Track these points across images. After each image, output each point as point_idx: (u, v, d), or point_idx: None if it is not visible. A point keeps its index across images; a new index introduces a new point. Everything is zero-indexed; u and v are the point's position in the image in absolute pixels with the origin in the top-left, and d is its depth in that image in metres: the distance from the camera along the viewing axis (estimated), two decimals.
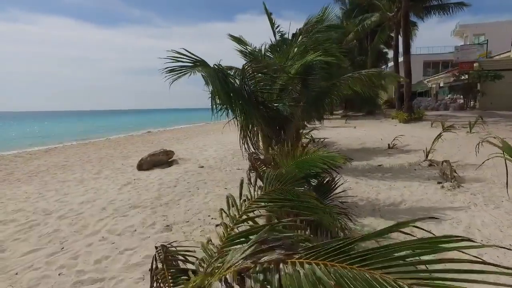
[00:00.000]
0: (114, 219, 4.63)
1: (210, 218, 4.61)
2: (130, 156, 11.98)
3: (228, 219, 1.93)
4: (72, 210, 5.20)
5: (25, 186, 7.64)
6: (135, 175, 7.77)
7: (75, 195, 6.27)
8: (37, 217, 4.99)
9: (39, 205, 5.73)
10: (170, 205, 5.20)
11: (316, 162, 3.58)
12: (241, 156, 9.51)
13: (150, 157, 8.40)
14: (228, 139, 15.01)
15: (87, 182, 7.47)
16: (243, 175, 7.45)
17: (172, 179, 6.96)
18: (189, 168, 8.12)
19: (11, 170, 10.15)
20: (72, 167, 10.18)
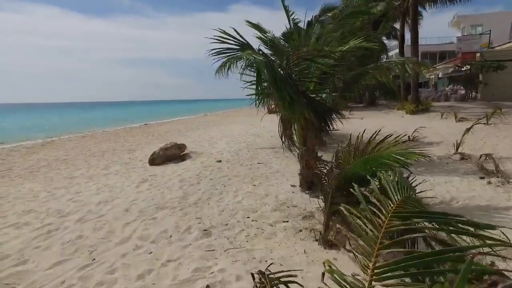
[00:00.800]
0: (143, 222, 4.14)
1: (250, 220, 4.16)
2: (135, 149, 11.41)
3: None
4: (91, 211, 4.69)
5: (29, 183, 7.08)
6: (148, 171, 7.25)
7: (88, 193, 5.74)
8: (52, 220, 4.48)
9: (51, 206, 5.20)
10: (200, 206, 4.73)
11: (386, 160, 3.14)
12: (257, 150, 9.05)
13: (162, 151, 7.87)
14: (234, 131, 14.51)
15: (97, 179, 6.93)
16: (265, 169, 7.04)
17: (192, 175, 6.47)
18: (206, 162, 7.63)
19: (10, 165, 9.51)
20: (75, 162, 9.60)
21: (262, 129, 14.88)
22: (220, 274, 2.91)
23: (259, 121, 19.62)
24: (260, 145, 9.98)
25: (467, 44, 24.05)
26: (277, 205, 4.67)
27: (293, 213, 4.35)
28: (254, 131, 14.03)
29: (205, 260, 3.18)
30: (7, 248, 3.60)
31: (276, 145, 9.91)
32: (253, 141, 10.70)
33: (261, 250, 3.38)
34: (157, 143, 12.88)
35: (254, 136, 12.22)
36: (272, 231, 3.85)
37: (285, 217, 4.25)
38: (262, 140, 11.04)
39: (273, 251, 3.36)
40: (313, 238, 3.67)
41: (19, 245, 3.69)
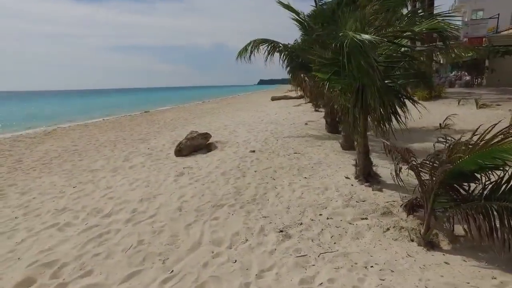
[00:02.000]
0: (206, 224, 3.67)
1: (324, 218, 3.73)
2: (147, 138, 10.80)
3: None
4: (138, 211, 4.18)
5: (47, 177, 6.51)
6: (178, 162, 6.73)
7: (122, 189, 5.22)
8: (96, 221, 3.96)
9: (85, 203, 4.67)
10: (260, 202, 4.27)
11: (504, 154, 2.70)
12: (285, 139, 8.53)
13: (189, 141, 7.32)
14: (246, 119, 13.95)
15: (123, 172, 6.39)
16: (307, 160, 6.57)
17: (232, 167, 5.98)
18: (239, 153, 7.13)
19: (18, 157, 8.85)
20: (87, 153, 8.99)
21: (275, 116, 14.37)
22: (331, 285, 2.48)
23: (267, 109, 19.14)
24: (285, 133, 9.49)
25: (475, 28, 23.66)
26: (344, 199, 4.23)
27: (368, 209, 3.92)
28: (269, 119, 13.52)
29: (303, 268, 2.75)
30: (62, 255, 3.10)
31: (301, 133, 9.46)
32: (276, 130, 10.21)
33: (358, 254, 2.96)
34: (167, 131, 12.30)
35: (272, 124, 11.71)
36: (356, 230, 3.42)
37: (361, 214, 3.82)
38: (283, 128, 10.56)
39: (372, 255, 2.94)
40: (406, 238, 3.27)
41: (72, 251, 3.19)
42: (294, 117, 13.51)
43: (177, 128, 13.17)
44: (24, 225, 4.09)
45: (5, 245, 3.53)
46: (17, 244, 3.52)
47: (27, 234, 3.77)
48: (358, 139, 4.99)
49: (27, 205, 4.87)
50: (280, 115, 14.53)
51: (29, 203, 4.93)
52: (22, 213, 4.55)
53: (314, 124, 11.14)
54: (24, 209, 4.73)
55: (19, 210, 4.69)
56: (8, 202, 5.12)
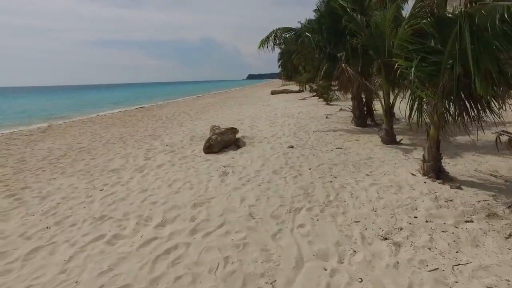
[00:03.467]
0: (293, 232, 3.14)
1: (423, 221, 3.26)
2: (159, 134, 10.12)
3: None
4: (198, 218, 3.61)
5: (63, 178, 5.84)
6: (213, 160, 6.13)
7: (161, 191, 4.62)
8: (151, 232, 3.37)
9: (125, 209, 4.07)
10: (338, 204, 3.76)
11: None
12: (316, 133, 8.00)
13: (219, 136, 6.71)
14: (258, 113, 13.39)
15: (152, 171, 5.76)
16: (355, 156, 6.09)
17: (281, 164, 5.46)
18: (276, 149, 6.60)
19: (20, 156, 8.06)
20: (96, 150, 8.29)
21: (287, 110, 13.86)
22: None
23: (272, 103, 18.58)
24: (311, 127, 9.00)
25: None
26: (431, 199, 3.77)
27: (466, 210, 3.47)
28: (282, 112, 12.99)
29: (447, 286, 2.26)
30: (131, 278, 2.53)
31: (329, 127, 8.99)
32: (298, 124, 9.71)
33: (500, 268, 2.49)
34: (175, 127, 11.63)
35: (290, 118, 11.19)
36: (471, 236, 2.97)
37: (462, 216, 3.37)
38: (305, 122, 10.06)
39: None
40: None
41: (141, 272, 2.61)
42: (308, 111, 13.03)
43: (185, 123, 12.49)
44: (62, 237, 3.46)
45: (51, 263, 2.92)
46: (66, 262, 2.91)
47: (72, 249, 3.15)
48: (431, 133, 4.52)
49: (54, 212, 4.22)
50: (292, 109, 14.03)
51: (56, 210, 4.28)
52: (53, 222, 3.91)
53: (335, 118, 10.69)
54: (53, 217, 4.08)
55: (48, 219, 4.04)
56: (30, 208, 4.45)
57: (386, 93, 6.75)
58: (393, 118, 6.89)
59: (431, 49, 3.65)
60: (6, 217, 4.24)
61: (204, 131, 9.75)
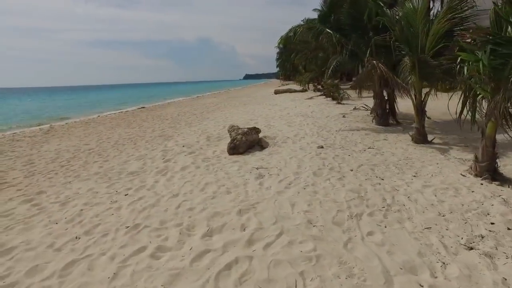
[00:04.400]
0: (365, 242, 2.82)
1: (503, 228, 2.95)
2: (170, 135, 9.76)
3: None
4: (249, 227, 3.27)
5: (79, 182, 5.52)
6: (240, 161, 5.79)
7: (196, 197, 4.28)
8: (200, 243, 3.03)
9: (160, 216, 3.73)
10: (398, 210, 3.45)
11: None
12: (340, 132, 7.66)
13: (244, 136, 6.38)
14: (268, 112, 13.06)
15: (177, 174, 5.42)
16: (389, 156, 5.78)
17: (319, 165, 5.14)
18: (306, 149, 6.29)
19: (27, 159, 7.68)
20: (106, 152, 7.95)
21: (298, 109, 13.56)
22: None
23: (279, 102, 18.26)
24: (332, 127, 8.71)
25: None
26: (500, 202, 3.49)
27: None
28: (295, 112, 12.68)
29: None
30: None
31: (350, 127, 8.71)
32: (317, 123, 9.41)
33: None
34: (184, 127, 11.28)
35: (305, 117, 10.88)
36: None
37: None
38: (324, 121, 9.76)
39: None
40: None
41: None
42: (321, 110, 12.74)
43: (194, 124, 12.13)
44: (97, 250, 3.11)
45: (94, 280, 2.57)
46: (111, 280, 2.57)
47: (113, 264, 2.81)
48: (487, 131, 4.23)
49: (80, 220, 3.87)
50: (303, 108, 13.73)
51: (81, 217, 3.93)
52: (81, 231, 3.56)
53: (352, 117, 10.40)
54: (80, 225, 3.73)
55: (74, 227, 3.69)
56: (52, 215, 4.09)
57: (418, 91, 6.47)
58: (425, 116, 6.61)
59: (505, 39, 3.36)
60: (28, 225, 3.88)
61: (218, 131, 9.41)
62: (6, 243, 3.43)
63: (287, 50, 58.46)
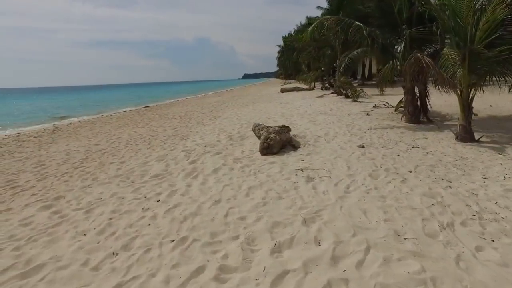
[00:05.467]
0: (478, 259, 2.33)
1: None
2: (185, 134, 9.26)
3: None
4: (324, 240, 2.77)
5: (99, 186, 5.04)
6: (277, 162, 5.29)
7: (243, 204, 3.79)
8: (276, 262, 2.54)
9: (208, 227, 3.25)
10: (494, 219, 2.98)
11: None
12: (372, 130, 7.14)
13: (278, 135, 5.88)
14: (282, 110, 12.56)
15: (210, 177, 4.92)
16: (441, 156, 5.30)
17: (371, 166, 4.66)
18: (346, 148, 5.82)
19: (36, 160, 7.19)
20: (120, 153, 7.48)
21: (315, 107, 13.08)
22: None
23: (290, 100, 17.76)
24: (360, 125, 8.24)
25: None
26: None
27: None
28: (312, 110, 12.20)
29: None
30: None
31: (381, 125, 8.23)
32: (342, 121, 8.93)
33: None
34: (196, 126, 10.76)
35: (325, 115, 10.41)
36: None
37: None
38: (348, 119, 9.30)
39: None
40: None
41: None
42: (339, 108, 12.27)
43: (207, 123, 11.61)
44: (143, 270, 2.61)
45: None
46: None
47: None
48: None
49: (113, 232, 3.37)
50: (319, 107, 13.26)
51: (113, 228, 3.44)
52: (118, 245, 3.06)
53: (377, 115, 9.94)
54: (114, 238, 3.22)
55: (108, 240, 3.19)
56: (79, 225, 3.59)
57: (465, 85, 6.00)
58: (471, 113, 6.14)
59: None
60: (53, 236, 3.37)
61: (237, 130, 8.92)
62: (33, 258, 2.94)
63: (289, 49, 58.28)
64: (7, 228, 3.75)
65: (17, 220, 3.95)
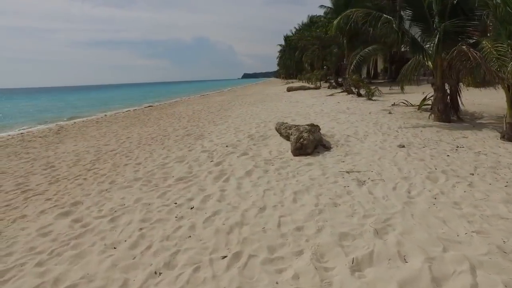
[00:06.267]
0: None
1: None
2: (200, 134, 8.85)
3: None
4: (420, 261, 2.34)
5: (120, 192, 4.66)
6: (315, 164, 4.87)
7: (289, 210, 3.39)
8: (369, 283, 2.11)
9: (263, 239, 2.84)
10: None
11: None
12: (403, 130, 6.69)
13: (311, 134, 5.46)
14: (296, 109, 12.14)
15: (244, 180, 4.51)
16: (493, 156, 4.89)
17: (424, 168, 4.23)
18: (387, 148, 5.41)
19: (45, 161, 6.77)
20: (134, 153, 7.12)
21: (330, 106, 12.67)
22: None
23: (299, 99, 17.34)
24: (387, 124, 7.82)
25: None
26: None
27: None
28: (329, 109, 11.80)
29: None
30: None
31: (411, 124, 7.82)
32: (365, 120, 8.54)
33: None
34: (207, 125, 10.36)
35: (347, 114, 9.99)
36: None
37: None
38: (371, 118, 8.90)
39: None
40: None
41: None
42: (355, 107, 11.87)
43: (218, 122, 11.18)
44: None
45: None
46: None
47: None
48: None
49: (148, 245, 2.95)
50: (334, 105, 12.85)
51: (146, 240, 3.04)
52: (158, 262, 2.66)
53: (400, 114, 9.52)
54: (152, 253, 2.81)
55: (145, 256, 2.77)
56: (106, 236, 3.17)
57: None
58: None
59: None
60: (79, 250, 2.95)
61: (255, 129, 8.50)
62: (62, 278, 2.52)
63: (290, 48, 57.89)
64: (25, 238, 3.32)
65: (34, 229, 3.53)
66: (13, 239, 3.34)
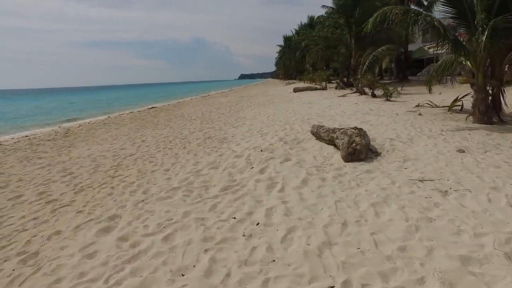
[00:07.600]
0: None
1: None
2: (223, 137, 8.42)
3: None
4: None
5: (159, 203, 4.24)
6: (375, 172, 4.48)
7: (381, 227, 2.98)
8: None
9: (367, 263, 2.44)
10: None
11: None
12: (448, 133, 6.27)
13: (363, 138, 5.08)
14: (312, 110, 11.76)
15: (303, 190, 4.11)
16: None
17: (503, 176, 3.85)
18: (445, 153, 5.03)
19: (61, 167, 6.35)
20: (154, 158, 6.83)
21: (344, 107, 12.32)
22: None
23: (312, 100, 16.99)
24: (425, 126, 7.48)
25: None
26: None
27: None
28: (349, 109, 11.45)
29: None
30: None
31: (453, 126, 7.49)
32: (400, 122, 8.20)
33: None
34: (225, 128, 9.95)
35: (373, 115, 9.64)
36: None
37: None
38: (404, 120, 8.55)
39: None
40: None
41: None
42: (378, 108, 11.53)
43: (235, 124, 10.75)
44: None
45: None
46: None
47: None
48: None
49: (228, 273, 2.56)
50: (352, 106, 12.51)
51: (221, 266, 2.65)
52: None
53: (429, 115, 9.20)
54: (236, 283, 2.42)
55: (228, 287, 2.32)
56: (167, 260, 2.83)
57: None
58: None
59: None
60: (139, 276, 2.55)
61: (282, 131, 8.09)
62: None
63: (290, 48, 57.69)
64: (70, 261, 2.89)
65: (76, 249, 3.10)
66: (56, 261, 2.92)
